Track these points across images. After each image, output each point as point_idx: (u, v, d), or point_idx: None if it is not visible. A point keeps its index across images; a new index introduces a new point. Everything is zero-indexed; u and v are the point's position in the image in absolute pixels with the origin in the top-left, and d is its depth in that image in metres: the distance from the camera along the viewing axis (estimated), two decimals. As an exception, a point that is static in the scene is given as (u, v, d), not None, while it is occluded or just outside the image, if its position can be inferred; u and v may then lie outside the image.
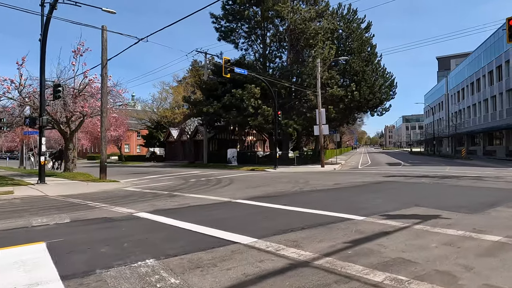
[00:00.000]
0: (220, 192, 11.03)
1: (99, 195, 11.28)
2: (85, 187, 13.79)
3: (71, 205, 9.03)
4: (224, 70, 22.44)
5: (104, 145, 16.75)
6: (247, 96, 28.45)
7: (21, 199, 10.64)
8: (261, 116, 28.35)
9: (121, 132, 46.14)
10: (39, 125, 14.28)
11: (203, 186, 13.18)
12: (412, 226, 5.87)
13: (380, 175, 16.87)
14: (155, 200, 9.49)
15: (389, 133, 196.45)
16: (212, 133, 37.48)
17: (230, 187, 12.66)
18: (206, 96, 33.14)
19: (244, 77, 29.88)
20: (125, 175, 21.16)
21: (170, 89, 48.65)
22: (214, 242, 5.05)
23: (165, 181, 16.10)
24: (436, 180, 13.89)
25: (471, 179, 13.96)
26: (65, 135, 19.65)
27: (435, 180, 13.91)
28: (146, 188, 12.97)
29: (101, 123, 16.84)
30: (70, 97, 18.42)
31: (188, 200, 9.47)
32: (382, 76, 32.15)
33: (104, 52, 16.88)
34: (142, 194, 11.12)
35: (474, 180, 13.54)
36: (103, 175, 16.60)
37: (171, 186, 13.76)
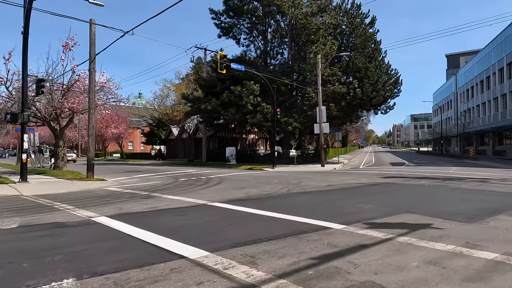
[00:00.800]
0: (202, 194, 10.34)
1: (75, 195, 10.68)
2: (67, 186, 13.23)
3: (35, 206, 8.42)
4: (220, 66, 21.73)
5: (91, 143, 16.18)
6: (246, 93, 27.71)
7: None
8: (260, 114, 27.60)
9: (122, 130, 45.92)
10: (21, 121, 13.75)
11: (189, 186, 12.51)
12: (396, 238, 5.09)
13: (379, 176, 16.00)
14: (127, 202, 8.84)
15: (397, 132, 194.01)
16: (212, 131, 36.86)
17: (215, 188, 11.96)
18: (205, 93, 32.51)
19: (244, 74, 29.16)
20: (118, 173, 20.63)
21: (172, 87, 48.13)
22: (159, 255, 4.35)
23: (154, 180, 15.48)
24: (437, 182, 12.99)
25: (476, 181, 13.04)
26: (55, 132, 19.17)
27: (436, 182, 13.02)
28: (129, 188, 12.35)
29: (88, 120, 16.28)
30: (59, 93, 17.91)
31: (162, 202, 8.79)
32: (386, 73, 31.09)
33: (93, 47, 16.28)
34: (119, 195, 10.48)
35: (479, 183, 12.62)
36: (90, 173, 16.05)
37: (156, 186, 13.12)
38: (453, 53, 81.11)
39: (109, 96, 20.65)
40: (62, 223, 6.37)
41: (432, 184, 12.38)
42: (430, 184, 12.25)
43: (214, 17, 32.76)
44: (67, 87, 18.03)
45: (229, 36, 33.92)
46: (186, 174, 18.99)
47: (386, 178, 15.02)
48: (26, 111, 13.82)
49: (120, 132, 45.80)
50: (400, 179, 14.48)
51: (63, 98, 18.04)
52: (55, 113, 18.43)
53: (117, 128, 45.36)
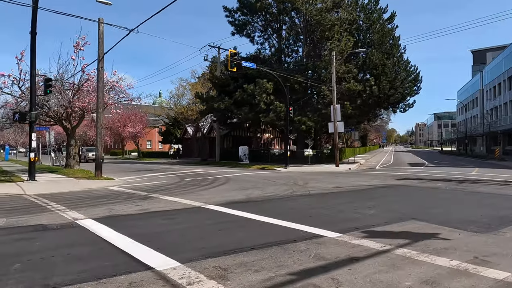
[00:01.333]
0: (201, 195, 9.99)
1: (74, 195, 10.57)
2: (72, 185, 13.22)
3: (29, 207, 8.30)
4: (230, 64, 21.38)
5: (99, 142, 16.18)
6: (258, 92, 27.28)
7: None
8: (273, 113, 27.10)
9: (138, 129, 46.41)
10: (29, 121, 13.85)
11: (191, 187, 12.20)
12: (393, 251, 4.54)
13: (393, 178, 15.20)
14: (121, 203, 8.59)
15: (420, 131, 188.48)
16: (227, 130, 36.64)
17: (217, 189, 11.59)
18: (218, 92, 32.30)
19: (257, 72, 28.74)
20: (128, 172, 20.66)
21: (188, 86, 48.27)
22: (125, 266, 3.99)
23: (160, 180, 15.30)
24: (454, 184, 12.14)
25: (497, 185, 12.10)
26: (67, 131, 19.37)
27: (453, 184, 12.17)
28: (131, 188, 12.17)
29: (96, 119, 16.28)
30: (69, 93, 18.05)
31: (156, 204, 8.49)
32: (405, 70, 29.87)
33: (101, 46, 16.27)
34: (117, 195, 10.28)
35: (501, 186, 11.70)
36: (98, 172, 16.05)
37: (159, 185, 12.90)
38: (479, 49, 77.63)
39: (120, 95, 20.70)
40: (45, 225, 6.15)
41: (448, 187, 11.55)
42: (447, 187, 11.44)
43: (228, 14, 32.47)
44: (77, 87, 18.15)
45: (242, 34, 33.54)
46: (194, 173, 18.76)
47: (400, 180, 14.23)
48: (34, 110, 13.91)
49: (137, 131, 46.28)
50: (415, 181, 13.67)
51: (74, 97, 18.18)
52: (67, 113, 18.60)
53: (133, 127, 45.89)
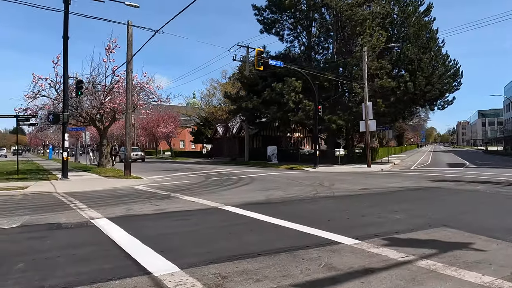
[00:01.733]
0: (222, 195, 9.83)
1: (100, 193, 10.80)
2: (101, 183, 13.59)
3: (54, 204, 8.54)
4: (257, 62, 21.20)
5: (128, 141, 16.57)
6: (287, 90, 26.86)
7: (24, 195, 10.57)
8: (302, 111, 26.58)
9: (171, 129, 47.54)
10: (62, 121, 14.43)
11: (214, 187, 12.10)
12: (416, 262, 4.06)
13: (428, 179, 14.24)
14: (141, 203, 8.62)
15: (462, 129, 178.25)
16: (256, 130, 36.52)
17: (239, 189, 11.38)
18: (247, 91, 32.22)
19: (286, 71, 28.33)
20: (158, 171, 21.06)
21: (219, 86, 48.74)
22: (124, 269, 3.85)
23: (185, 179, 15.38)
24: (497, 187, 11.10)
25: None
26: (100, 132, 20.08)
27: (496, 187, 11.13)
28: (155, 187, 12.28)
29: (125, 120, 16.70)
30: (101, 94, 18.68)
31: (175, 204, 8.43)
32: (443, 65, 28.12)
33: (129, 48, 16.66)
34: (140, 194, 10.37)
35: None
36: (127, 171, 16.44)
37: (182, 185, 12.93)
38: (529, 41, 71.68)
39: (150, 96, 21.16)
40: (61, 224, 6.23)
41: (489, 190, 10.57)
42: (488, 190, 10.47)
43: (257, 13, 32.28)
44: (109, 88, 18.73)
45: (271, 32, 33.22)
46: (220, 173, 18.73)
47: (436, 181, 13.28)
48: (66, 112, 14.48)
49: (169, 131, 47.45)
50: (452, 183, 12.69)
51: (105, 99, 18.78)
52: (99, 113, 19.26)
53: (166, 127, 47.07)
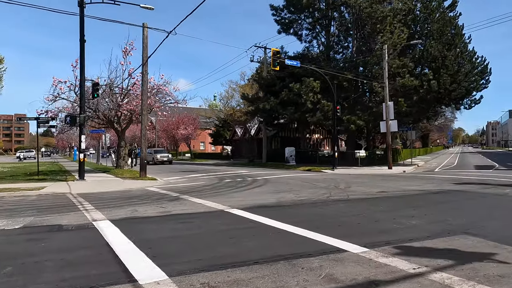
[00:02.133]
0: (231, 197, 9.59)
1: (111, 194, 10.81)
2: (115, 185, 13.67)
3: (63, 206, 8.56)
4: (273, 62, 20.95)
5: (144, 143, 16.64)
6: (305, 91, 26.40)
7: (38, 196, 10.72)
8: (320, 112, 26.02)
9: (190, 131, 47.89)
10: (79, 123, 14.65)
11: (226, 189, 11.88)
12: (429, 274, 3.63)
13: (451, 182, 13.45)
14: (148, 205, 8.49)
15: (492, 130, 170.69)
16: (274, 131, 36.17)
17: (251, 191, 11.10)
18: (264, 92, 31.95)
19: (304, 71, 27.87)
20: (174, 173, 21.10)
21: (237, 87, 48.75)
22: (110, 276, 3.65)
23: (199, 181, 15.27)
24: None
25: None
26: (118, 133, 20.35)
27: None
28: (167, 189, 12.20)
29: (141, 122, 16.79)
30: (119, 97, 18.92)
31: (181, 206, 8.24)
32: (470, 62, 26.80)
33: (145, 50, 16.76)
34: (149, 196, 10.29)
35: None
36: (143, 172, 16.52)
37: (195, 186, 12.79)
38: None
39: (167, 98, 21.27)
40: (61, 226, 6.15)
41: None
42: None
43: (275, 13, 32.01)
44: (125, 91, 18.95)
45: (289, 32, 32.87)
46: (235, 175, 18.52)
47: (459, 184, 12.50)
48: (82, 114, 14.69)
49: (189, 133, 47.80)
50: (477, 186, 11.89)
51: (123, 101, 19.01)
52: (117, 115, 19.52)
53: (185, 129, 47.46)
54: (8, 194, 10.90)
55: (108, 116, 19.36)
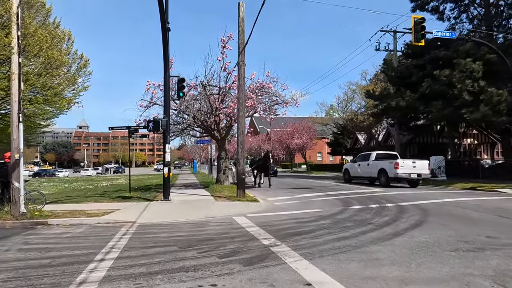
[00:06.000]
0: (372, 260, 4.56)
1: (178, 230, 7.05)
2: (199, 209, 10.12)
3: (79, 257, 5.04)
4: (415, 36, 14.89)
5: (241, 153, 12.91)
6: (458, 77, 19.08)
7: (93, 226, 7.83)
8: (485, 105, 18.22)
9: (305, 140, 43.71)
10: (163, 129, 11.85)
11: (357, 228, 6.81)
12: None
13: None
14: (203, 270, 4.23)
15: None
16: (409, 136, 28.74)
17: (411, 242, 5.73)
18: (396, 86, 25.26)
19: (454, 52, 20.65)
20: (283, 190, 16.90)
21: (358, 89, 42.27)
22: None
23: (313, 206, 10.55)
24: None
25: None
26: (217, 142, 17.42)
27: None
28: (264, 222, 7.85)
29: (237, 124, 13.17)
30: (216, 99, 15.94)
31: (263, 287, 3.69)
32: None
33: (241, 35, 13.17)
34: (230, 239, 6.05)
35: None
36: (240, 191, 12.74)
37: (306, 219, 8.11)
38: None
39: (273, 99, 17.44)
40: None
41: None
42: None
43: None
44: (224, 91, 15.85)
45: (426, 9, 25.64)
46: (365, 196, 13.06)
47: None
48: (166, 117, 11.85)
49: (304, 142, 43.69)
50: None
51: (220, 103, 15.96)
52: (215, 121, 16.57)
53: (300, 138, 43.52)
54: (63, 222, 8.36)
55: (207, 122, 16.54)
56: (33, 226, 8.17)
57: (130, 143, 18.48)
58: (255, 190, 16.42)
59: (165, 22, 11.76)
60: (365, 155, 21.61)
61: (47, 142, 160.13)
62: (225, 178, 17.28)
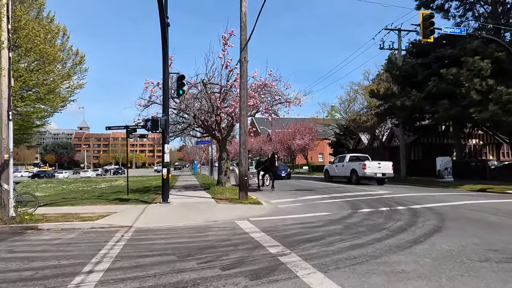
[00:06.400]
0: (395, 273, 4.04)
1: (177, 235, 6.53)
2: (199, 212, 9.59)
3: (61, 268, 4.51)
4: (424, 32, 14.38)
5: (243, 153, 12.38)
6: (466, 76, 18.55)
7: (86, 230, 7.30)
8: (495, 104, 17.67)
9: (307, 141, 43.15)
10: (162, 128, 11.33)
11: (370, 234, 6.28)
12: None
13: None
14: (206, 283, 3.71)
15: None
16: (413, 137, 28.17)
17: (431, 251, 5.19)
18: (401, 85, 24.71)
19: (461, 50, 20.17)
20: (286, 191, 16.37)
21: (360, 89, 41.75)
22: None
23: (320, 209, 10.01)
24: None
25: None
26: (218, 143, 16.89)
27: None
28: (269, 227, 7.33)
29: (239, 123, 12.66)
30: (216, 97, 15.42)
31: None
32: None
33: (243, 31, 12.67)
34: (234, 246, 5.52)
35: None
36: (242, 193, 12.21)
37: (314, 224, 7.58)
38: None
39: (276, 98, 16.91)
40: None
41: None
42: None
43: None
44: (225, 89, 15.33)
45: (431, 7, 25.10)
46: (373, 198, 12.53)
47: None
48: (165, 116, 11.34)
49: (306, 143, 43.12)
50: None
51: (221, 102, 15.44)
52: (216, 121, 16.05)
53: (302, 139, 42.96)
54: (55, 226, 7.85)
55: (208, 122, 16.02)
56: (22, 231, 7.66)
57: (128, 143, 17.95)
58: (258, 192, 15.89)
59: (164, 17, 11.27)
60: (341, 157, 23.87)
61: (47, 143, 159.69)
62: (227, 180, 16.74)
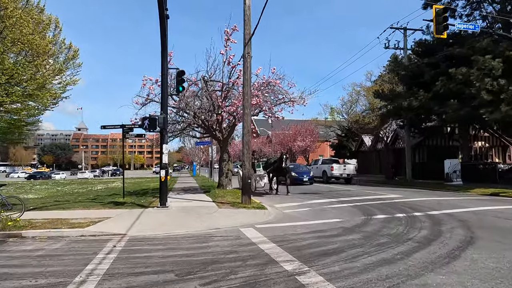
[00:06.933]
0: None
1: (175, 247, 5.77)
2: (200, 218, 8.82)
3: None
4: (437, 28, 13.71)
5: (247, 154, 11.63)
6: (476, 75, 17.84)
7: (69, 242, 6.51)
8: (507, 105, 16.99)
9: (308, 142, 42.44)
10: (160, 127, 10.59)
11: (395, 246, 5.54)
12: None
13: None
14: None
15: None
16: (419, 139, 27.48)
17: (470, 268, 4.50)
18: (407, 86, 24.03)
19: (469, 49, 19.47)
20: (291, 195, 15.59)
21: (362, 90, 41.07)
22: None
23: (329, 215, 9.27)
24: None
25: None
26: (219, 143, 16.14)
27: None
28: (278, 236, 6.59)
29: (242, 122, 11.91)
30: (218, 95, 14.68)
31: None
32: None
33: (247, 25, 11.96)
34: (241, 261, 4.78)
35: None
36: (245, 197, 11.46)
37: (327, 233, 6.84)
38: None
39: (279, 97, 16.18)
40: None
41: None
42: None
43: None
44: (227, 87, 14.60)
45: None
46: (385, 203, 11.78)
47: None
48: (163, 114, 10.59)
49: (307, 144, 42.40)
50: None
51: (223, 100, 14.70)
52: (217, 120, 15.31)
53: (303, 140, 42.25)
54: (40, 234, 7.08)
55: (208, 121, 15.27)
56: (3, 239, 6.89)
57: (126, 144, 17.17)
58: (262, 196, 15.11)
59: (163, 8, 10.54)
60: (316, 161, 28.53)
61: (45, 144, 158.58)
62: (228, 182, 15.96)
